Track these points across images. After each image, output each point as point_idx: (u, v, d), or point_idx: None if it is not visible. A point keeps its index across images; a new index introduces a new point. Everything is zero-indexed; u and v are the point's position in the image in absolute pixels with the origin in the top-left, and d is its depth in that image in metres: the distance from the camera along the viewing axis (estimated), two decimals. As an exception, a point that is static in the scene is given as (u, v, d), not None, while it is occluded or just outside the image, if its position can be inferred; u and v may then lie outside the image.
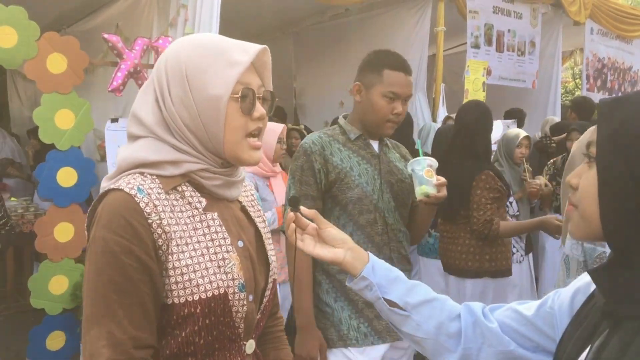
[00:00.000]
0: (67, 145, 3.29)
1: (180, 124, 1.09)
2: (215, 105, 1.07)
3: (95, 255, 1.02)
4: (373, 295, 1.17)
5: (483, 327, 1.13)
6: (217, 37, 1.14)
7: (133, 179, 1.08)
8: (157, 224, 1.05)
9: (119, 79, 3.35)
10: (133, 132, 1.14)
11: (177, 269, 1.06)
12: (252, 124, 1.12)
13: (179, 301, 1.05)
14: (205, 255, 1.09)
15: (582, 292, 0.99)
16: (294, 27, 6.63)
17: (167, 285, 1.05)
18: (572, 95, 13.78)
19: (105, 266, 1.01)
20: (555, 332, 1.03)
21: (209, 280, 1.08)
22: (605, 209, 0.82)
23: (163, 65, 1.12)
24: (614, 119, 0.83)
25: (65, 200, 3.32)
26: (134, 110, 1.15)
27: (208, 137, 1.10)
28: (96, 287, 1.01)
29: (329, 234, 1.19)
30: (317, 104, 6.63)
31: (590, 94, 6.66)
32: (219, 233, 1.13)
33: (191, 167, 1.11)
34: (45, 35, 3.19)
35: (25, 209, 5.26)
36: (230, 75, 1.07)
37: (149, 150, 1.10)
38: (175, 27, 3.94)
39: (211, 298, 1.07)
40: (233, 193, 1.20)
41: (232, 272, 1.11)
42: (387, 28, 5.61)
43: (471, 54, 5.27)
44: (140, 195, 1.05)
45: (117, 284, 1.00)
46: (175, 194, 1.11)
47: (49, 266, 3.33)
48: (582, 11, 6.24)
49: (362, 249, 1.21)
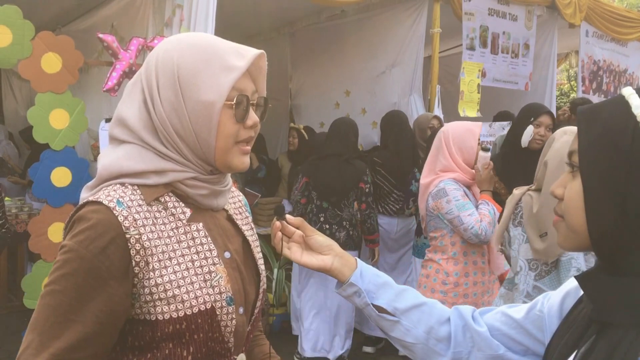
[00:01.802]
0: (61, 145, 3.29)
1: (169, 129, 1.04)
2: (208, 112, 1.02)
3: (58, 264, 0.98)
4: (362, 301, 1.16)
5: (473, 331, 1.13)
6: (212, 38, 1.08)
7: (113, 190, 1.03)
8: (136, 239, 0.99)
9: (113, 79, 3.35)
10: (116, 134, 1.08)
11: (159, 285, 1.01)
12: (245, 132, 1.08)
13: (163, 317, 1.01)
14: (190, 269, 1.05)
15: (572, 296, 1.00)
16: (290, 27, 6.62)
17: (150, 302, 1.01)
18: (568, 97, 13.81)
19: (62, 278, 0.96)
20: (545, 336, 1.03)
21: (195, 296, 1.03)
22: (592, 218, 0.82)
23: (153, 65, 1.06)
24: (594, 127, 0.83)
25: (59, 200, 3.32)
26: (119, 111, 1.08)
27: (198, 144, 1.05)
28: (48, 295, 0.97)
29: (316, 241, 1.18)
30: (312, 104, 6.62)
31: (586, 96, 6.68)
32: (204, 245, 1.08)
33: (177, 177, 1.06)
34: (40, 34, 3.19)
35: (19, 208, 5.26)
36: (225, 81, 1.02)
37: (132, 158, 1.04)
38: (171, 27, 3.93)
39: (197, 314, 1.03)
40: (219, 202, 1.15)
41: (219, 286, 1.07)
42: (383, 29, 5.61)
43: (466, 56, 5.27)
44: (119, 208, 0.99)
45: (68, 298, 0.95)
46: (157, 205, 1.06)
47: (43, 266, 3.33)
48: (577, 14, 6.26)
49: (350, 255, 1.21)
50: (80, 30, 5.34)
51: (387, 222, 4.47)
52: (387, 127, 4.51)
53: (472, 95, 5.26)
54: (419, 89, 5.32)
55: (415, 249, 4.24)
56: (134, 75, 1.11)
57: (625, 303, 0.79)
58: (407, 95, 5.32)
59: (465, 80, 5.22)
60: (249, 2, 5.21)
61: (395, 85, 5.49)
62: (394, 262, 4.55)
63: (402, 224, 4.49)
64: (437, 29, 5.14)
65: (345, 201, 3.98)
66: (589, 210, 0.82)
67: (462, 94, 5.20)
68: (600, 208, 0.81)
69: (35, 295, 3.31)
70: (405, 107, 5.21)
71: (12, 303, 5.12)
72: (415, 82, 5.29)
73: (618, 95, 0.85)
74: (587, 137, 0.83)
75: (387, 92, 5.55)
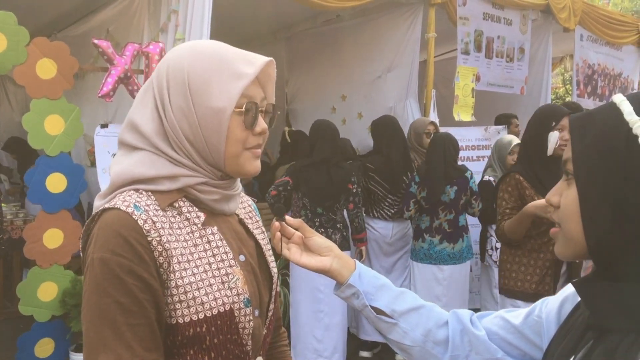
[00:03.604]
0: (56, 150, 3.28)
1: (180, 134, 1.05)
2: (217, 118, 1.04)
3: (95, 278, 0.97)
4: (360, 303, 1.17)
5: (471, 334, 1.13)
6: (222, 46, 1.10)
7: (128, 196, 1.04)
8: (157, 241, 1.01)
9: (109, 84, 3.35)
10: (128, 140, 1.09)
11: (180, 287, 1.02)
12: (253, 138, 1.10)
13: (184, 320, 1.02)
14: (208, 272, 1.06)
15: (570, 301, 1.00)
16: (286, 32, 6.63)
17: (171, 305, 1.02)
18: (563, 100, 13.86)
19: (108, 287, 0.95)
20: (543, 341, 1.03)
21: (214, 297, 1.04)
22: (588, 225, 0.82)
23: (164, 72, 1.08)
24: (587, 134, 0.83)
25: (54, 206, 3.31)
26: (131, 116, 1.10)
27: (208, 149, 1.06)
28: (100, 311, 0.95)
29: (315, 242, 1.19)
30: (309, 109, 6.63)
31: (581, 100, 6.70)
32: (220, 248, 1.10)
33: (189, 181, 1.07)
34: (35, 40, 3.18)
35: (14, 214, 5.24)
36: (234, 88, 1.04)
37: (144, 165, 1.06)
38: (166, 32, 3.93)
39: (217, 315, 1.04)
40: (231, 207, 1.16)
41: (236, 287, 1.08)
42: (379, 34, 5.63)
43: (461, 60, 5.29)
44: (137, 212, 1.01)
45: (123, 305, 0.95)
46: (172, 211, 1.07)
47: (38, 272, 3.31)
48: (572, 18, 6.28)
49: (349, 257, 1.21)
50: (76, 35, 5.34)
51: (382, 227, 4.48)
52: (379, 132, 4.52)
53: (467, 99, 5.28)
54: (415, 93, 5.34)
55: (413, 253, 4.24)
56: (129, 80, 1.13)
57: (621, 308, 0.79)
58: (403, 99, 5.33)
59: (460, 85, 5.24)
60: (245, 6, 5.22)
61: (391, 89, 5.50)
62: (389, 265, 4.55)
63: (398, 228, 4.50)
64: (433, 33, 5.16)
65: (337, 205, 3.99)
66: (585, 218, 0.82)
67: (456, 98, 5.21)
68: (596, 215, 0.81)
69: (30, 301, 3.29)
70: (401, 111, 5.23)
71: (7, 309, 5.10)
72: (411, 86, 5.31)
73: (609, 102, 0.85)
74: (581, 144, 0.83)
75: (383, 97, 5.57)
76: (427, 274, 4.15)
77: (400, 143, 4.44)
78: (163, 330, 1.02)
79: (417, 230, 4.24)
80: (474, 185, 4.10)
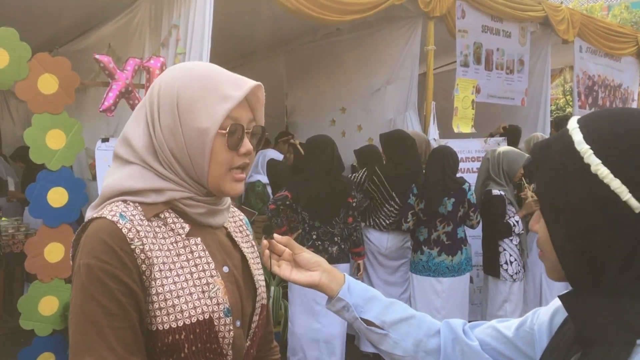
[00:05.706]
0: (57, 165, 3.30)
1: (167, 152, 1.10)
2: (202, 139, 1.08)
3: (82, 283, 1.01)
4: (350, 315, 1.19)
5: (463, 344, 1.13)
6: (214, 69, 1.14)
7: (116, 206, 1.09)
8: (140, 249, 1.05)
9: (110, 99, 3.37)
10: (121, 154, 1.14)
11: (160, 295, 1.05)
12: (238, 159, 1.13)
13: (163, 327, 1.05)
14: (189, 281, 1.09)
15: (561, 313, 1.00)
16: (285, 46, 6.68)
17: (151, 311, 1.05)
18: (563, 111, 13.90)
19: (93, 292, 1.00)
20: (535, 352, 1.03)
21: (193, 306, 1.07)
22: (560, 254, 0.84)
23: (156, 91, 1.13)
24: (545, 169, 0.85)
25: (55, 221, 3.32)
26: (125, 131, 1.15)
27: (193, 168, 1.11)
28: (85, 314, 1.00)
29: (304, 258, 1.22)
30: (308, 122, 6.65)
31: (582, 111, 6.72)
32: (202, 258, 1.13)
33: (174, 195, 1.12)
34: (37, 56, 3.21)
35: (16, 229, 5.24)
36: (219, 110, 1.07)
37: (133, 178, 1.11)
38: (167, 47, 3.97)
39: (196, 324, 1.06)
40: (218, 220, 1.20)
41: (216, 297, 1.11)
42: (378, 47, 5.66)
43: (460, 73, 5.31)
44: (122, 222, 1.05)
45: (106, 308, 0.99)
46: (157, 221, 1.11)
47: (39, 287, 3.32)
48: (571, 30, 6.32)
49: (338, 270, 1.23)
50: (77, 50, 5.38)
51: (376, 237, 4.44)
52: (394, 142, 4.42)
53: (467, 111, 5.30)
54: (415, 106, 5.36)
55: (412, 265, 4.23)
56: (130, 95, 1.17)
57: (607, 320, 0.79)
58: (402, 111, 5.35)
59: (460, 97, 5.27)
60: (245, 20, 5.26)
61: (390, 102, 5.53)
62: (387, 277, 4.52)
63: (394, 240, 4.44)
64: (432, 46, 5.19)
65: (337, 218, 3.98)
66: (556, 248, 0.84)
67: (456, 110, 5.23)
68: (565, 246, 0.83)
69: (31, 316, 3.29)
70: (400, 123, 5.24)
71: (8, 324, 5.09)
72: (411, 98, 5.34)
73: (564, 129, 0.86)
74: (541, 180, 0.85)
75: (382, 109, 5.59)
76: (426, 287, 4.14)
77: (416, 155, 4.40)
78: (145, 336, 1.05)
79: (415, 242, 4.23)
80: (472, 197, 4.10)
